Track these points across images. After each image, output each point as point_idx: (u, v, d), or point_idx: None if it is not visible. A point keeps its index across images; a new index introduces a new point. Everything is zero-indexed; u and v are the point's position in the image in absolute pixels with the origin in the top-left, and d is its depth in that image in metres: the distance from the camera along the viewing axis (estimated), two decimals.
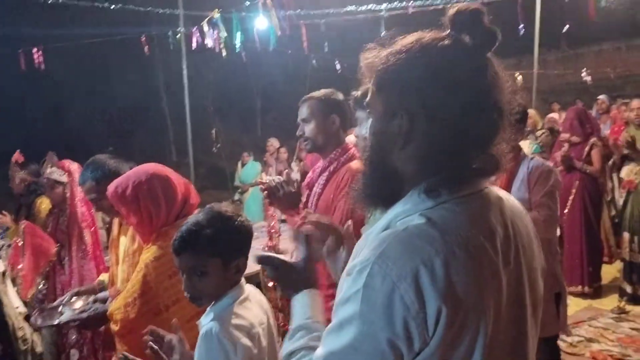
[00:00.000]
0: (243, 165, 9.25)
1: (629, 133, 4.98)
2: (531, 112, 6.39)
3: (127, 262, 2.35)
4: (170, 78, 15.11)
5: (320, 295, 1.36)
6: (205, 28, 7.11)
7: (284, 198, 2.42)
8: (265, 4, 5.74)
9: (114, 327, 2.07)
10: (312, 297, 1.31)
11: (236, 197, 9.43)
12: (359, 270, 0.95)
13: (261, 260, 1.38)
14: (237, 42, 7.16)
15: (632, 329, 4.48)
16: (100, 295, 2.58)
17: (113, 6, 7.40)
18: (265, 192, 2.44)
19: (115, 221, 2.65)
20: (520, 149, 3.06)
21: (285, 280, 1.36)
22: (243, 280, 1.71)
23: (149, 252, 2.06)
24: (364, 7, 7.45)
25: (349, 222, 1.50)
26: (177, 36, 7.55)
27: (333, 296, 1.06)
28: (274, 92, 19.11)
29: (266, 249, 3.67)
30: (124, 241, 2.48)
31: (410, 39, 1.05)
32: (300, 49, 8.61)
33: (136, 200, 2.09)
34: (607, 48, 18.01)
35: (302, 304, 1.29)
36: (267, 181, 2.46)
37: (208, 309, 1.65)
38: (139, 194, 2.09)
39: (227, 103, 18.70)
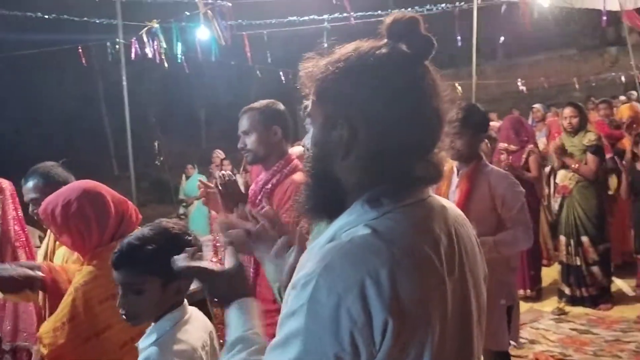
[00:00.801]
0: (187, 178, 9.08)
1: (561, 140, 5.17)
2: None
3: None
4: (110, 89, 14.74)
5: (262, 306, 1.32)
6: (145, 38, 6.96)
7: (232, 193, 2.36)
8: (206, 14, 5.67)
9: (43, 350, 1.97)
10: (248, 306, 1.25)
11: (181, 210, 9.24)
12: (303, 284, 0.93)
13: (185, 271, 1.29)
14: (178, 52, 7.05)
15: (572, 329, 4.63)
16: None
17: (47, 16, 7.14)
18: (210, 191, 2.38)
19: (52, 234, 2.52)
20: (481, 158, 3.04)
21: (215, 291, 1.28)
22: (185, 301, 1.65)
23: (80, 275, 1.97)
24: (306, 18, 7.49)
25: (302, 223, 1.46)
26: (116, 46, 7.36)
27: (278, 311, 1.03)
28: (218, 103, 18.94)
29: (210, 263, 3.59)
30: (61, 254, 2.36)
31: (348, 48, 1.05)
32: (244, 60, 8.57)
33: (66, 220, 1.99)
34: (541, 59, 18.82)
35: (238, 315, 1.23)
36: (219, 176, 2.41)
37: (147, 330, 1.58)
38: (68, 213, 1.98)
39: (170, 114, 18.39)
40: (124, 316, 1.56)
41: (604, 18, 7.48)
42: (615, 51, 18.12)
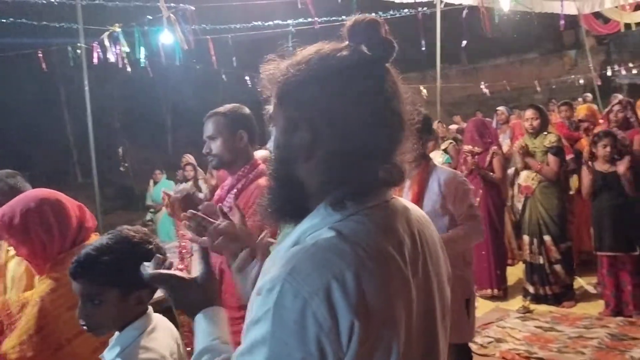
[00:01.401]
0: (155, 183, 8.94)
1: (523, 141, 5.28)
2: (438, 124, 6.67)
3: (15, 288, 2.17)
4: (72, 94, 14.43)
5: (227, 314, 1.30)
6: (106, 43, 6.84)
7: (192, 207, 2.32)
8: (169, 18, 5.61)
9: None
10: (216, 315, 1.23)
11: (149, 217, 9.10)
12: (268, 289, 0.92)
13: (153, 279, 1.26)
14: (141, 57, 6.95)
15: (537, 327, 4.72)
16: None
17: (5, 19, 6.96)
18: (173, 202, 2.34)
19: (3, 246, 2.45)
20: (429, 159, 3.12)
21: (183, 300, 1.25)
22: (150, 309, 1.61)
23: (44, 284, 1.91)
24: (271, 22, 7.49)
25: (265, 232, 1.45)
26: (77, 51, 7.21)
27: (243, 318, 1.02)
28: (184, 107, 18.73)
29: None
30: (11, 268, 2.30)
31: (309, 50, 1.05)
32: (210, 64, 8.51)
33: (26, 230, 1.92)
34: (502, 62, 19.22)
35: (205, 324, 1.21)
36: (181, 188, 2.36)
37: (112, 341, 1.54)
38: (28, 222, 1.92)
39: (135, 120, 18.12)
40: (84, 327, 1.52)
41: (562, 22, 7.68)
42: (574, 54, 18.62)
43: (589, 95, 10.27)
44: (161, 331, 1.59)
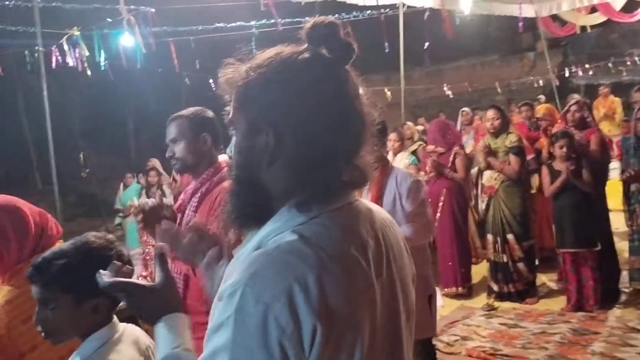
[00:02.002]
0: (126, 187, 8.78)
1: (485, 142, 5.38)
2: (409, 124, 6.74)
3: None
4: (31, 99, 14.05)
5: (194, 319, 1.28)
6: (65, 46, 6.68)
7: (157, 222, 2.29)
8: (129, 21, 5.51)
9: None
10: (177, 322, 1.21)
11: (117, 221, 8.93)
12: (230, 294, 0.90)
13: (109, 287, 1.22)
14: (102, 60, 6.82)
15: (501, 324, 4.80)
16: None
17: None
18: (140, 216, 2.29)
19: None
20: (388, 160, 3.20)
21: (142, 307, 1.22)
22: (115, 319, 1.57)
23: (0, 295, 1.85)
24: (233, 24, 7.44)
25: (231, 233, 1.43)
26: (35, 55, 7.02)
27: None
28: (147, 112, 18.42)
29: (140, 278, 3.46)
30: None
31: (269, 53, 1.04)
32: (172, 67, 8.40)
33: None
34: (464, 64, 19.50)
35: (166, 331, 1.19)
36: (142, 204, 2.31)
37: (73, 355, 1.50)
38: None
39: (96, 124, 17.74)
40: (42, 333, 1.48)
41: (521, 24, 7.86)
42: (533, 56, 19.03)
43: (543, 97, 10.56)
44: (126, 343, 1.54)
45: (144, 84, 15.24)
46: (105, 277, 1.23)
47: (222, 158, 2.64)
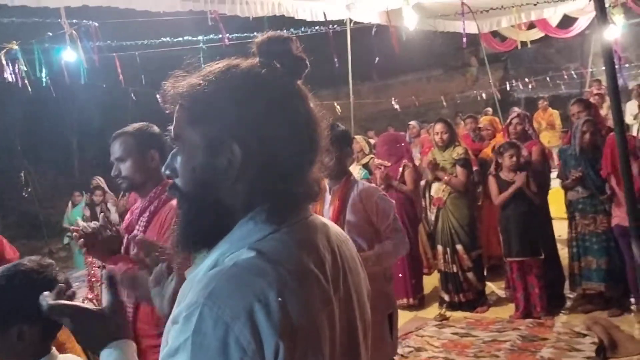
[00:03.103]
0: (74, 205, 8.51)
1: (432, 155, 5.49)
2: (358, 138, 6.79)
3: None
4: None
5: (143, 342, 1.23)
6: (3, 61, 6.43)
7: (102, 245, 2.20)
8: (72, 35, 5.36)
9: None
10: (124, 348, 1.16)
11: (65, 240, 8.65)
12: (186, 316, 0.87)
13: (51, 310, 1.16)
14: (43, 76, 6.59)
15: (453, 333, 4.87)
16: None
17: None
18: (80, 240, 2.20)
19: None
20: (350, 173, 3.15)
21: (87, 333, 1.16)
22: (54, 350, 1.47)
23: None
24: (180, 38, 7.35)
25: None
26: None
27: None
28: (92, 128, 17.90)
29: (86, 301, 3.34)
30: None
31: (221, 66, 1.02)
32: (118, 82, 8.21)
33: None
34: (411, 79, 19.94)
35: (114, 359, 1.14)
36: (82, 227, 2.22)
37: None
38: None
39: (38, 142, 17.10)
40: None
41: (464, 40, 8.10)
42: (475, 71, 19.66)
43: (490, 110, 10.91)
44: None
45: (89, 99, 14.83)
46: (48, 299, 1.17)
47: None
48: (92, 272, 3.58)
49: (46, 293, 1.19)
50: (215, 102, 0.98)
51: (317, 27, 7.61)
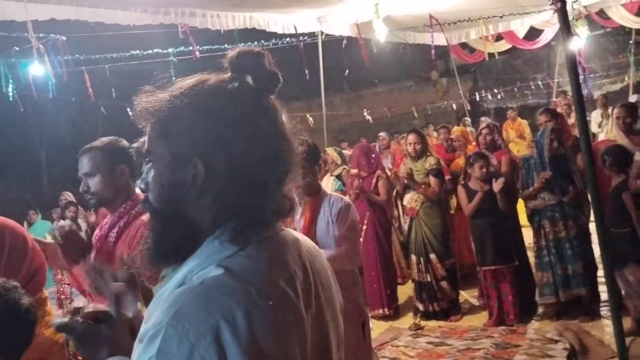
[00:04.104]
0: (30, 225, 8.30)
1: (406, 165, 5.53)
2: (330, 150, 6.82)
3: None
4: None
5: None
6: None
7: (77, 243, 2.17)
8: (39, 49, 5.28)
9: None
10: None
11: None
12: (151, 336, 0.85)
13: (59, 328, 1.14)
14: (10, 90, 6.46)
15: (428, 342, 4.89)
16: None
17: None
18: (61, 233, 2.17)
19: None
20: (320, 187, 3.20)
21: (89, 350, 1.14)
22: None
23: None
24: (150, 51, 7.29)
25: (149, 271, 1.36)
26: None
27: None
28: (61, 142, 17.62)
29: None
30: None
31: (191, 81, 1.01)
32: (88, 96, 8.10)
33: None
34: (382, 90, 20.16)
35: None
36: (58, 227, 2.20)
37: None
38: None
39: (5, 157, 16.74)
40: None
41: (433, 52, 8.24)
42: (445, 82, 19.96)
43: (468, 119, 11.08)
44: None
45: (58, 114, 14.63)
46: (57, 319, 1.15)
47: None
48: (62, 289, 3.50)
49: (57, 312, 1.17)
50: (182, 118, 0.97)
51: (288, 39, 7.64)
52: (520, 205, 5.64)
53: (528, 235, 5.36)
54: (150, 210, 1.03)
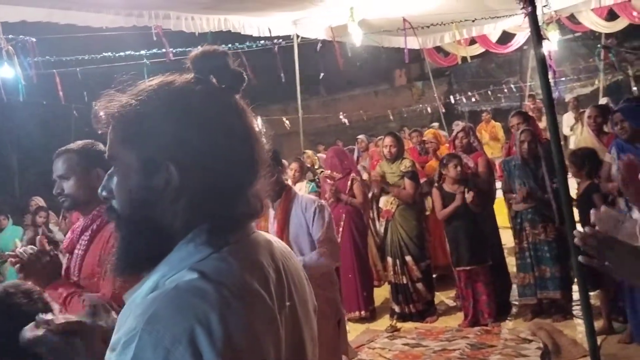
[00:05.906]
0: (1, 230, 8.11)
1: (382, 168, 5.57)
2: (310, 153, 6.84)
3: None
4: None
5: None
6: None
7: (41, 272, 2.10)
8: (8, 51, 5.18)
9: None
10: None
11: None
12: (124, 343, 0.84)
13: (30, 342, 1.13)
14: None
15: (404, 344, 4.91)
16: None
17: None
18: (18, 266, 2.11)
19: None
20: (289, 187, 3.24)
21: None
22: None
23: None
24: (122, 53, 7.20)
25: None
26: None
27: None
28: (33, 146, 17.27)
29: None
30: None
31: (152, 83, 0.99)
32: (59, 99, 7.96)
33: None
34: (359, 93, 20.24)
35: None
36: (19, 253, 2.12)
37: None
38: None
39: None
40: None
41: (407, 55, 8.31)
42: (421, 85, 20.14)
43: (436, 124, 11.23)
44: None
45: (29, 117, 14.35)
46: (26, 333, 1.13)
47: None
48: None
49: (27, 327, 1.15)
50: (148, 122, 0.95)
51: (262, 42, 7.62)
52: (501, 206, 5.73)
53: (507, 235, 5.45)
54: (117, 218, 1.01)
